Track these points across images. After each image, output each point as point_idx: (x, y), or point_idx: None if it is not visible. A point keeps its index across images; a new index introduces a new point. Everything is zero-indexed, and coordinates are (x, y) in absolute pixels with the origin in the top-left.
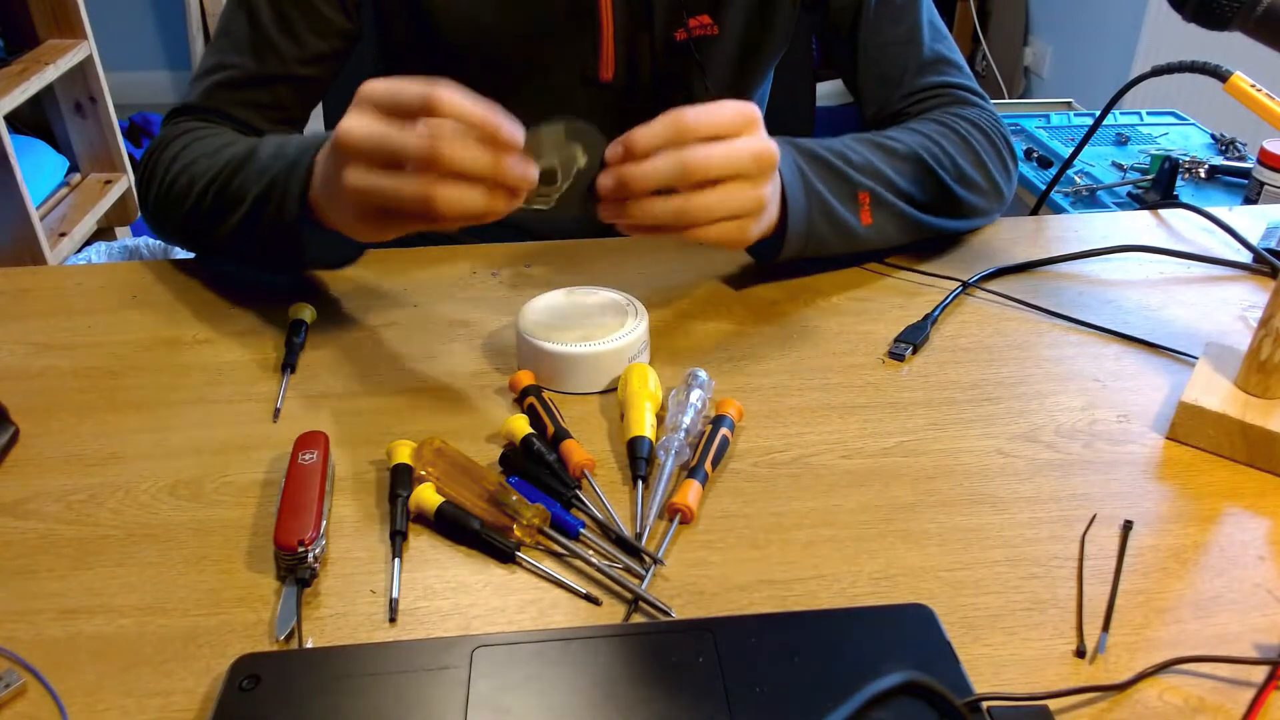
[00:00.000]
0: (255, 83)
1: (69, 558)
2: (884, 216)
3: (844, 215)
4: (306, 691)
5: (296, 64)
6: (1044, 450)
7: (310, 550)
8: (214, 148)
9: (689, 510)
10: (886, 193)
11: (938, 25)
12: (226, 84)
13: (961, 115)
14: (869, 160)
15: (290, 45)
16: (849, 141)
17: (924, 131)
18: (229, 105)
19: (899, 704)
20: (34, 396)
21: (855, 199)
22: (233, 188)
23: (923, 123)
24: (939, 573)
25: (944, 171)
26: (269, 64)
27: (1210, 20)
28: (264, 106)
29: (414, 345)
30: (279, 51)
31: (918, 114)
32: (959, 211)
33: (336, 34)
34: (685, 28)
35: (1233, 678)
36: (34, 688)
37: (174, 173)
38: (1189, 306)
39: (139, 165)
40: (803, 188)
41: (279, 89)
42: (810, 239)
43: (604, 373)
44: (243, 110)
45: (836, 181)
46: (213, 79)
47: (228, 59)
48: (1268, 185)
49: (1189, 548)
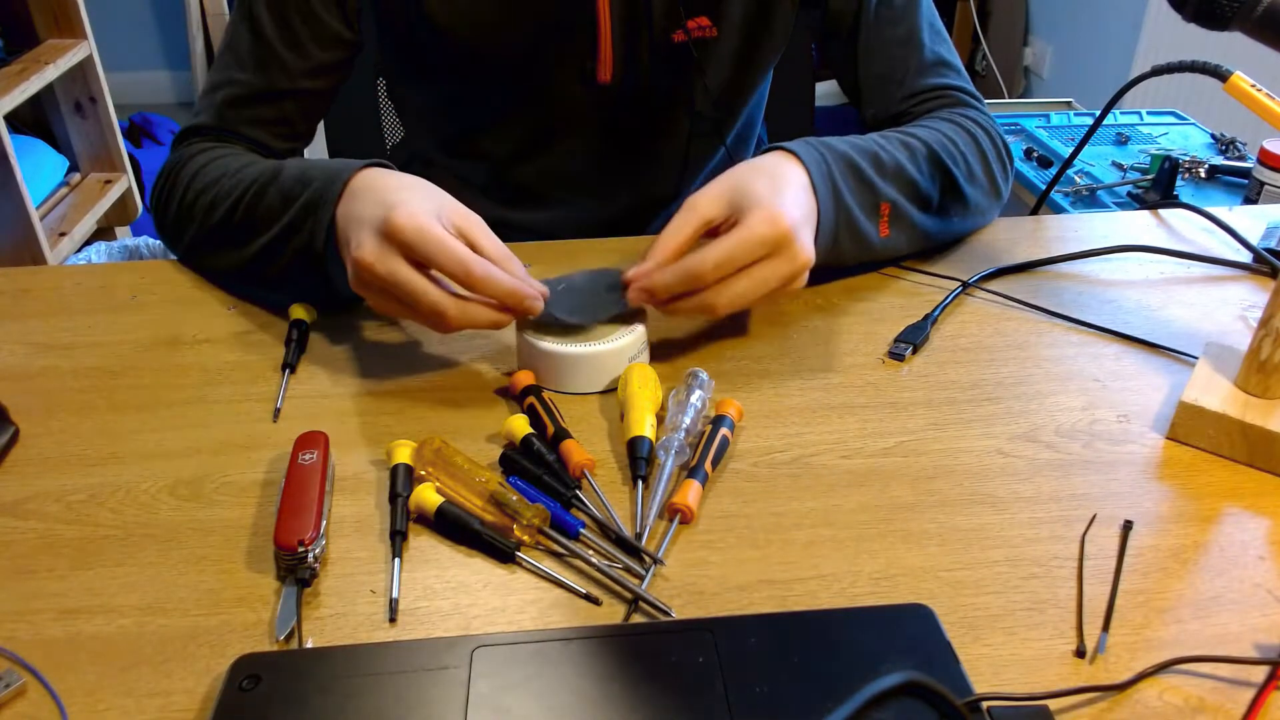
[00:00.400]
0: (261, 98)
1: (69, 558)
2: (898, 230)
3: (865, 228)
4: (306, 691)
5: (301, 76)
6: (1044, 450)
7: (310, 550)
8: (236, 167)
9: (689, 510)
10: (906, 202)
11: (937, 27)
12: (233, 101)
13: (966, 115)
14: (898, 162)
15: (294, 57)
16: (880, 141)
17: (940, 129)
18: (238, 124)
19: (899, 704)
20: (34, 396)
21: (878, 210)
22: (260, 209)
23: (935, 120)
24: (939, 573)
25: (958, 169)
26: (274, 78)
27: (1210, 20)
28: (271, 123)
29: (414, 345)
30: (283, 64)
31: (919, 115)
32: (966, 210)
33: (339, 43)
34: (684, 29)
35: (1233, 678)
36: (34, 688)
37: (195, 190)
38: (1189, 306)
39: (154, 185)
40: (833, 202)
41: (285, 104)
42: (831, 252)
43: (604, 373)
44: (251, 128)
45: (865, 191)
46: (220, 95)
47: (233, 74)
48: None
49: (1189, 548)
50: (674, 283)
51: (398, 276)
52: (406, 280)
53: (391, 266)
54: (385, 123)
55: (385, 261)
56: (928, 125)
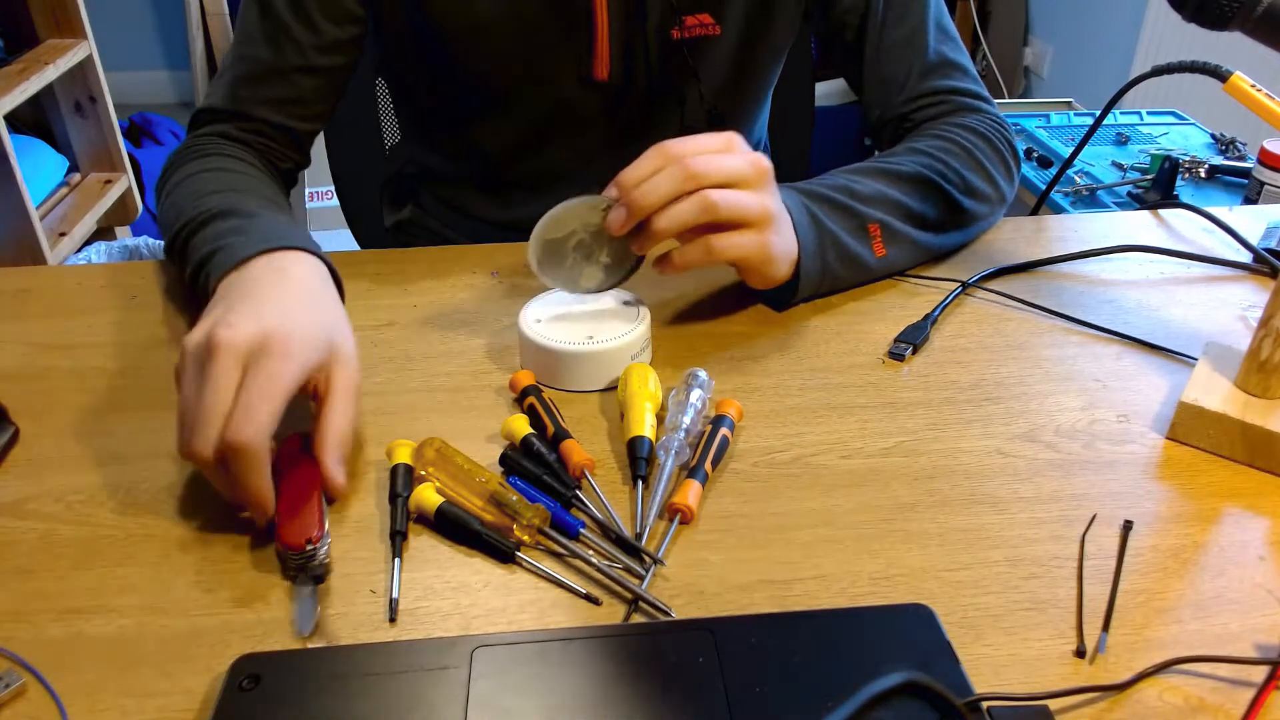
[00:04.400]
0: (274, 75)
1: (69, 558)
2: (897, 247)
3: (856, 250)
4: (306, 691)
5: (315, 52)
6: (1044, 450)
7: (319, 547)
8: (203, 190)
9: (689, 510)
10: (897, 221)
11: (945, 26)
12: (246, 79)
13: (962, 125)
14: (877, 189)
15: (307, 33)
16: (851, 175)
17: (925, 150)
18: (251, 105)
19: (899, 704)
20: (34, 396)
21: (866, 231)
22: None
23: (921, 139)
24: (939, 573)
25: (952, 187)
26: (287, 54)
27: (1210, 20)
28: (285, 102)
29: (414, 345)
30: (296, 40)
31: (921, 120)
32: (967, 222)
33: (350, 19)
34: (681, 26)
35: (1233, 678)
36: (34, 688)
37: (166, 205)
38: (1189, 306)
39: (163, 168)
40: (814, 229)
41: (299, 80)
42: (825, 277)
43: (606, 370)
44: (264, 109)
45: (846, 217)
46: (233, 74)
47: (244, 51)
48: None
49: (1189, 548)
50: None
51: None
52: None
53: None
54: (384, 123)
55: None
56: (913, 148)
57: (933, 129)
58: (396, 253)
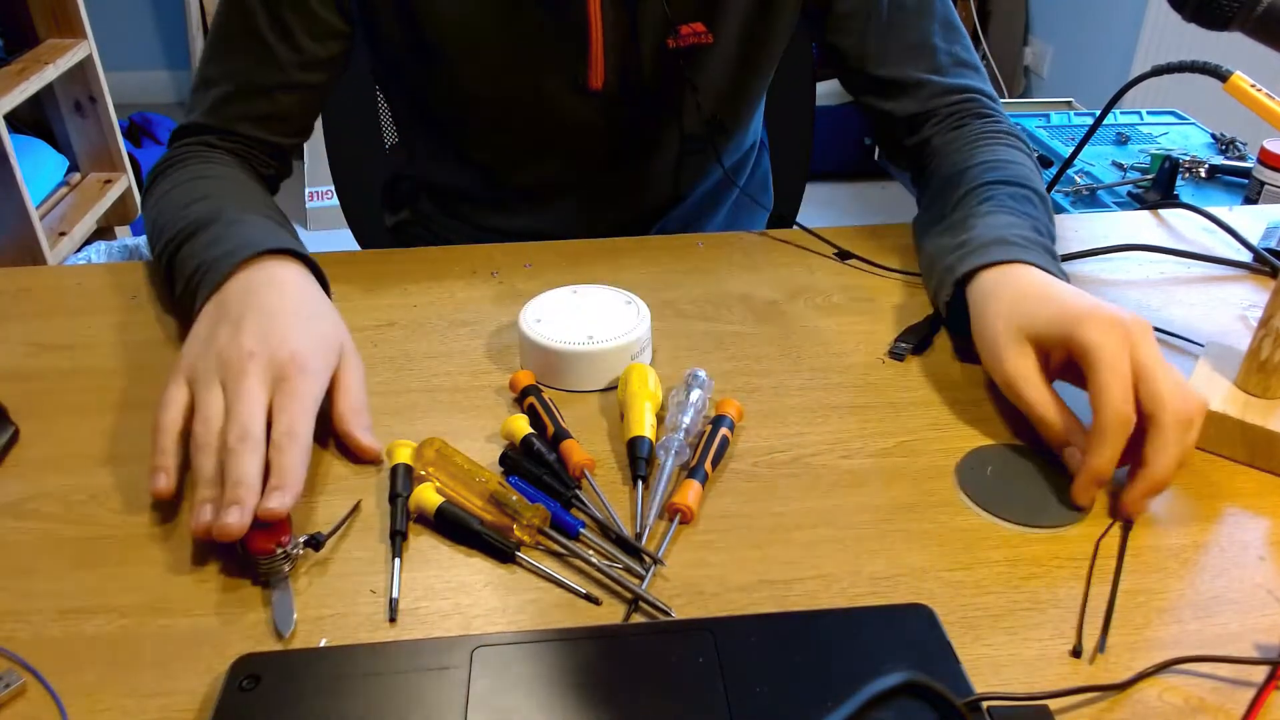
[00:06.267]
0: (255, 93)
1: (69, 558)
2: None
3: None
4: (306, 691)
5: (296, 70)
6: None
7: (290, 549)
8: (185, 200)
9: (689, 510)
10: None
11: (953, 22)
12: (228, 97)
13: (1010, 134)
14: (1039, 220)
15: (289, 52)
16: (1032, 211)
17: (1015, 161)
18: (234, 122)
19: (899, 704)
20: (34, 396)
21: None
22: (175, 264)
23: (997, 147)
24: (939, 573)
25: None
26: (267, 71)
27: (1210, 20)
28: (267, 118)
29: (413, 345)
30: (276, 57)
31: (945, 116)
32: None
33: (333, 36)
34: (675, 36)
35: (1233, 678)
36: (34, 688)
37: (152, 215)
38: (1189, 306)
39: (145, 181)
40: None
41: (280, 98)
42: None
43: (606, 370)
44: (247, 125)
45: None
46: (215, 92)
47: (225, 67)
48: (1268, 185)
49: (1189, 548)
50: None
51: (253, 401)
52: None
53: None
54: (384, 124)
55: (262, 379)
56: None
57: (990, 140)
58: (396, 253)
